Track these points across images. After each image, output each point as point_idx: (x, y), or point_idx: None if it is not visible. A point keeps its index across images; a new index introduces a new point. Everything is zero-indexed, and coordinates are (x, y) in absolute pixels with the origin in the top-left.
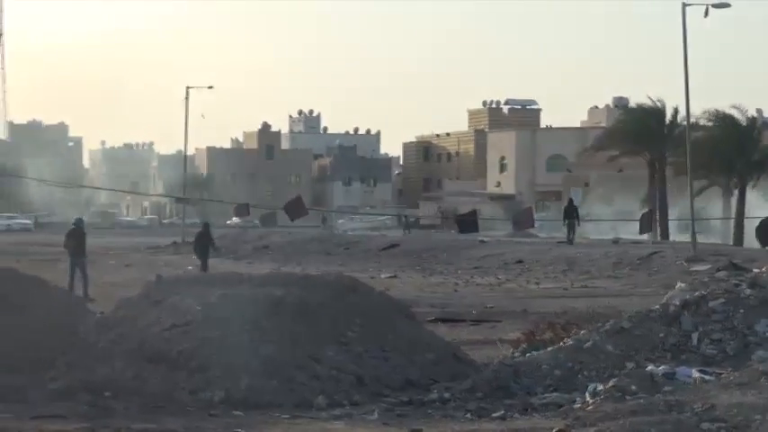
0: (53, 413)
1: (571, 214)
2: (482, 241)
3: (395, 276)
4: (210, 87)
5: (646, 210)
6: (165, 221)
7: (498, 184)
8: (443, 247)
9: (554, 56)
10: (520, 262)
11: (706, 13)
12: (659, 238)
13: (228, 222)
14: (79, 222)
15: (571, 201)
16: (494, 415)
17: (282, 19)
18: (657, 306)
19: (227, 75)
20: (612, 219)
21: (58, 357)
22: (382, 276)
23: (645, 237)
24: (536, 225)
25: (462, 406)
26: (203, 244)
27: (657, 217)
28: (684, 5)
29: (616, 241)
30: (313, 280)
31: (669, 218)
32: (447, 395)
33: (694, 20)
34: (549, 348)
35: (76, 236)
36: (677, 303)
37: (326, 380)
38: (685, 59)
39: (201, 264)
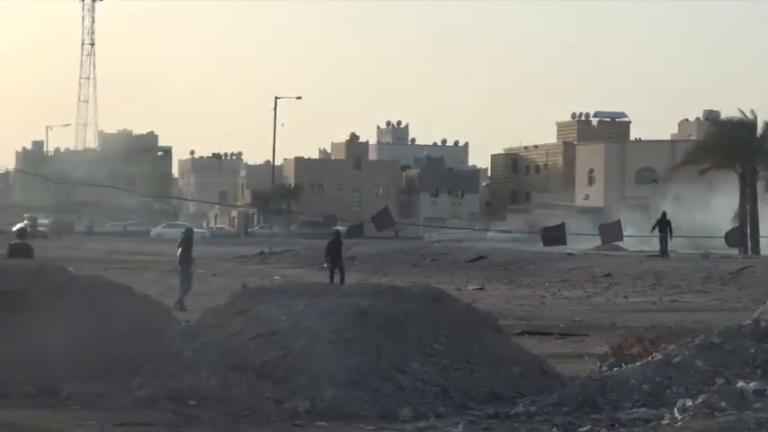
0: (137, 421)
1: (664, 228)
2: (570, 254)
3: (482, 288)
4: (299, 98)
5: (736, 224)
6: (250, 230)
7: (587, 197)
8: (531, 260)
9: (644, 68)
10: (608, 275)
11: None
12: (750, 252)
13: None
14: (188, 232)
15: (664, 214)
16: (580, 430)
17: (371, 30)
18: (749, 321)
19: (316, 85)
20: (701, 233)
21: (144, 365)
22: (469, 288)
23: (735, 251)
24: (624, 239)
25: (548, 420)
26: (336, 252)
27: (748, 231)
28: None
29: (706, 255)
30: (399, 291)
31: (760, 232)
32: (533, 409)
33: None
34: (638, 363)
35: (183, 244)
36: None
37: (411, 391)
38: None
39: (331, 274)
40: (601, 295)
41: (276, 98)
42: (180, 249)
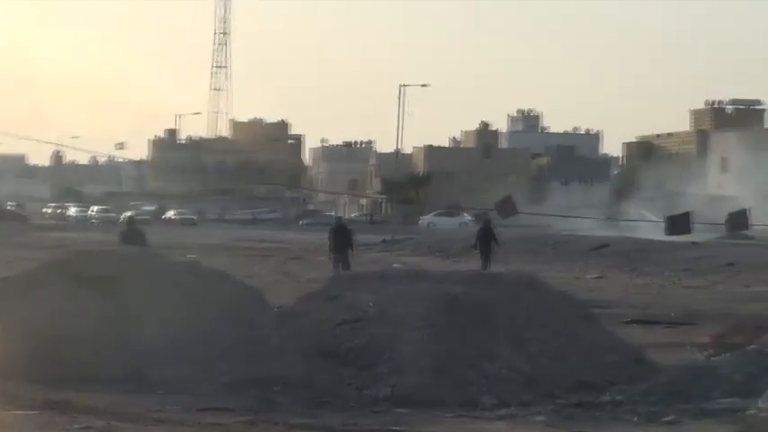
0: (220, 406)
1: None
2: (694, 243)
3: (601, 277)
4: (424, 86)
5: None
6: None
7: (720, 186)
8: (654, 249)
9: None
10: (731, 264)
11: None
12: None
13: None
14: (340, 220)
15: None
16: (663, 419)
17: (502, 18)
18: None
19: (448, 73)
20: None
21: (232, 351)
22: (588, 277)
23: None
24: (752, 228)
25: (633, 409)
26: (486, 241)
27: None
28: None
29: None
30: (492, 278)
31: None
32: (620, 398)
33: None
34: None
35: (340, 233)
36: None
37: (496, 379)
38: None
39: (483, 263)
40: (722, 284)
41: (401, 86)
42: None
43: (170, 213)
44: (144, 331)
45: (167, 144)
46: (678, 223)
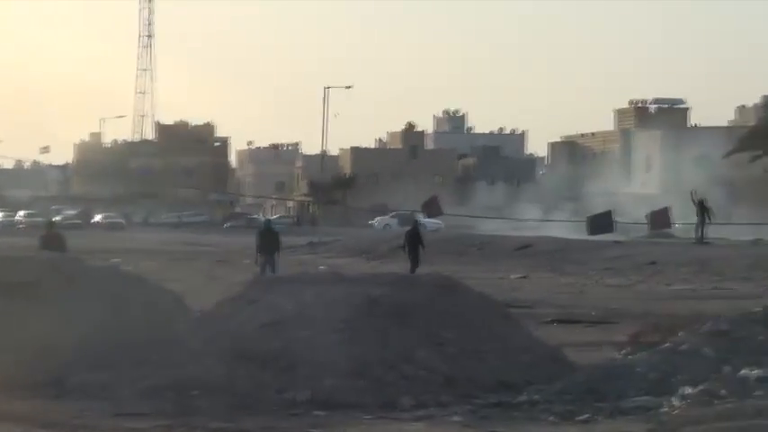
0: (137, 411)
1: (701, 214)
2: (616, 242)
3: (525, 277)
4: (348, 87)
5: None
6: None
7: (643, 185)
8: (577, 248)
9: (703, 54)
10: (653, 263)
11: None
12: None
13: (371, 222)
14: (268, 223)
15: (702, 200)
16: (577, 418)
17: (428, 18)
18: (759, 308)
19: (374, 74)
20: (757, 221)
21: (152, 355)
22: (512, 277)
23: None
24: (676, 226)
25: (549, 409)
26: (414, 243)
27: None
28: None
29: (756, 243)
30: (412, 279)
31: None
32: (536, 397)
33: None
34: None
35: (268, 235)
36: None
37: (415, 380)
38: None
39: (412, 265)
40: (644, 283)
41: (326, 87)
42: (261, 239)
43: (98, 217)
44: (63, 337)
45: (92, 148)
46: (600, 222)
